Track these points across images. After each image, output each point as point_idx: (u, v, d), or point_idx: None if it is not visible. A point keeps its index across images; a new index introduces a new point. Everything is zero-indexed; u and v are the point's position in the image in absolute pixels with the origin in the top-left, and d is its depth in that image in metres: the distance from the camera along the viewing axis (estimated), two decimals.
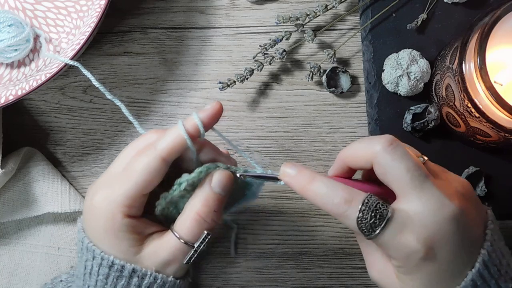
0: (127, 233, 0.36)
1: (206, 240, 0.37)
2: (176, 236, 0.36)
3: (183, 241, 0.36)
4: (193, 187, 0.37)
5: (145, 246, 0.37)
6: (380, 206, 0.33)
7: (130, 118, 0.41)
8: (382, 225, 0.32)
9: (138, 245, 0.37)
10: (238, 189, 0.39)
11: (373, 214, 0.32)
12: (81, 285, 0.38)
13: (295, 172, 0.36)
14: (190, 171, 0.37)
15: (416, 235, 0.32)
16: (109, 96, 0.41)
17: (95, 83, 0.42)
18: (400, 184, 0.33)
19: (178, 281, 0.38)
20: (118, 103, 0.41)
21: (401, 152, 0.33)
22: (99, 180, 0.38)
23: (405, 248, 0.32)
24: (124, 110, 0.41)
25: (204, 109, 0.37)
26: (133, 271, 0.36)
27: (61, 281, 0.43)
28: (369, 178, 0.37)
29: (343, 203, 0.33)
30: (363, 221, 0.33)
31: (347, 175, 0.38)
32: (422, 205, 0.32)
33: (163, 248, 0.37)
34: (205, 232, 0.36)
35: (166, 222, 0.39)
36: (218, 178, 0.36)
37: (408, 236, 0.32)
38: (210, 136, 0.39)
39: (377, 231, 0.32)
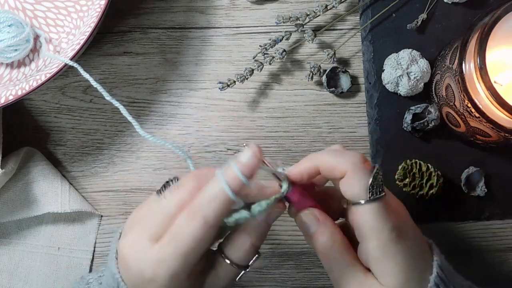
0: (192, 284, 0.36)
1: (256, 261, 0.38)
2: (234, 266, 0.36)
3: (236, 267, 0.37)
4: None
5: (204, 283, 0.37)
6: (382, 181, 0.35)
7: (130, 118, 0.41)
8: (382, 194, 0.35)
9: (201, 285, 0.37)
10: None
11: (381, 180, 0.35)
12: None
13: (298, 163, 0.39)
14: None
15: (394, 214, 0.36)
16: (107, 97, 0.41)
17: (94, 83, 0.42)
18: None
19: None
20: (116, 104, 0.41)
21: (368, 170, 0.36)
22: (133, 235, 0.35)
23: (390, 221, 0.35)
24: (124, 111, 0.41)
25: (244, 160, 0.33)
26: None
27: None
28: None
29: (359, 159, 0.36)
30: (375, 182, 0.35)
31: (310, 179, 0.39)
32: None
33: (221, 278, 0.37)
34: (256, 255, 0.37)
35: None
36: (275, 215, 0.37)
37: (391, 213, 0.35)
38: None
39: (379, 196, 0.35)
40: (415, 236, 0.36)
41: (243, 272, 0.37)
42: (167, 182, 0.36)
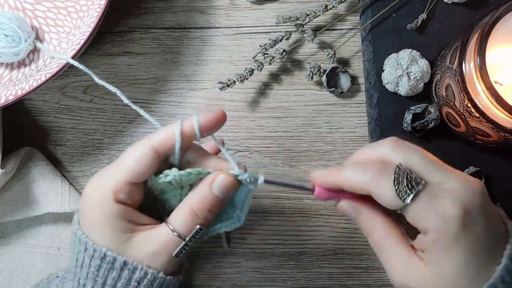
0: (117, 219, 0.36)
1: (198, 235, 0.37)
2: (170, 228, 0.36)
3: (176, 234, 0.36)
4: (180, 185, 0.37)
5: (136, 235, 0.37)
6: (412, 173, 0.33)
7: (143, 113, 0.41)
8: (418, 189, 0.33)
9: (129, 232, 0.36)
10: (224, 209, 0.39)
11: (408, 177, 0.33)
12: (72, 278, 0.38)
13: (323, 171, 0.37)
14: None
15: (451, 200, 0.32)
16: (125, 100, 0.42)
17: (98, 80, 0.42)
18: (420, 171, 0.34)
19: (169, 277, 0.38)
20: (124, 98, 0.42)
21: (408, 145, 0.35)
22: (96, 174, 0.38)
23: (442, 212, 0.32)
24: (142, 111, 0.41)
25: (206, 113, 0.37)
26: (124, 263, 0.36)
27: (57, 277, 0.43)
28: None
29: (377, 172, 0.34)
30: (400, 183, 0.33)
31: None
32: (450, 179, 0.33)
33: (154, 238, 0.37)
34: (198, 226, 0.36)
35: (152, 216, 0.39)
36: (220, 182, 0.36)
37: (443, 201, 0.32)
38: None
39: (413, 194, 0.33)
40: (486, 219, 0.33)
41: (181, 245, 0.36)
42: None
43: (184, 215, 0.36)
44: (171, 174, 0.36)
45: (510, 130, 0.41)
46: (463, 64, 0.42)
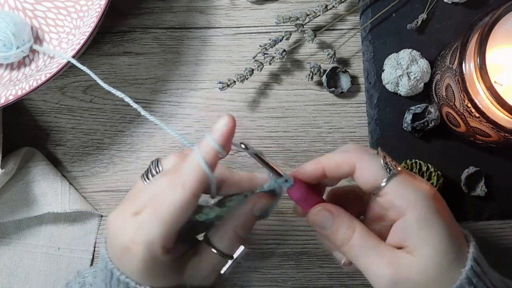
0: (170, 267, 0.36)
1: (243, 253, 0.38)
2: (218, 252, 0.37)
3: (220, 254, 0.37)
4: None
5: (185, 268, 0.37)
6: (390, 158, 0.35)
7: (153, 119, 0.41)
8: (399, 165, 0.35)
9: (180, 272, 0.37)
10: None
11: (389, 160, 0.35)
12: None
13: (303, 165, 0.38)
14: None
15: (424, 182, 0.35)
16: (128, 99, 0.42)
17: (101, 82, 0.42)
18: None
19: None
20: (125, 98, 0.42)
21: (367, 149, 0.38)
22: (120, 208, 0.36)
23: (421, 189, 0.34)
24: (143, 111, 0.41)
25: (216, 129, 0.35)
26: None
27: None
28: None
29: (360, 151, 0.37)
30: (387, 158, 0.35)
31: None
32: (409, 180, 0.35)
33: (204, 263, 0.37)
34: (243, 247, 0.38)
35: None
36: (260, 206, 0.38)
37: (419, 181, 0.35)
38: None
39: (399, 168, 0.34)
40: (450, 215, 0.35)
41: (229, 263, 0.38)
42: (150, 165, 0.38)
43: (230, 239, 0.37)
44: (213, 212, 0.37)
45: (510, 130, 0.41)
46: (463, 64, 0.42)
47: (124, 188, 0.53)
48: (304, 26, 0.51)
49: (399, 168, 0.35)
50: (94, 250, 0.52)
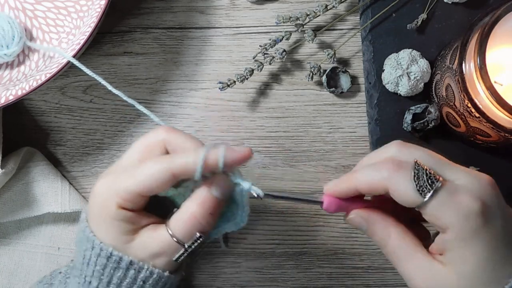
0: (120, 222, 0.37)
1: (198, 242, 0.37)
2: (169, 233, 0.36)
3: (175, 239, 0.36)
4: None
5: (138, 236, 0.37)
6: (430, 169, 0.33)
7: (146, 111, 0.42)
8: (438, 185, 0.32)
9: (131, 234, 0.37)
10: (226, 210, 0.39)
11: (427, 173, 0.33)
12: (78, 275, 0.39)
13: (336, 181, 0.37)
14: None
15: (469, 195, 0.32)
16: (129, 99, 0.43)
17: (99, 78, 0.42)
18: (430, 167, 0.34)
19: (173, 276, 0.39)
20: (122, 96, 0.43)
21: (415, 146, 0.35)
22: (108, 169, 0.39)
23: (462, 207, 0.32)
24: (143, 108, 0.42)
25: (234, 150, 0.35)
26: (131, 263, 0.37)
27: (59, 272, 0.44)
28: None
29: (393, 167, 0.33)
30: (419, 179, 0.33)
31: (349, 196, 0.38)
32: (462, 176, 0.34)
33: (155, 240, 0.37)
34: (197, 233, 0.36)
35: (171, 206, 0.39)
36: (217, 182, 0.36)
37: (462, 196, 0.32)
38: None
39: (433, 189, 0.32)
40: (503, 212, 0.33)
41: (181, 252, 0.37)
42: None
43: (185, 222, 0.36)
44: (171, 191, 0.38)
45: (510, 130, 0.41)
46: (463, 64, 0.42)
47: None
48: (304, 26, 0.51)
49: (439, 182, 0.33)
50: None
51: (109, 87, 0.42)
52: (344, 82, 0.52)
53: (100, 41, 0.54)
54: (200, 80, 0.53)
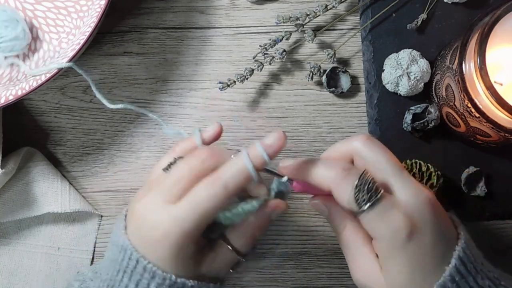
0: (193, 259, 0.38)
1: (254, 253, 0.41)
2: (234, 250, 0.39)
3: (235, 253, 0.39)
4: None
5: (202, 262, 0.39)
6: (374, 182, 0.35)
7: (152, 116, 0.43)
8: (375, 199, 0.34)
9: (199, 262, 0.39)
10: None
11: (369, 186, 0.34)
12: None
13: (292, 161, 0.39)
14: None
15: (401, 213, 0.34)
16: (141, 110, 0.43)
17: (94, 87, 0.42)
18: (381, 171, 0.36)
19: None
20: (119, 105, 0.42)
21: (378, 144, 0.37)
22: (153, 199, 0.37)
23: (392, 224, 0.34)
24: (150, 114, 0.44)
25: (270, 142, 0.37)
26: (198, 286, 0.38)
27: None
28: None
29: (341, 172, 0.36)
30: (360, 192, 0.35)
31: None
32: (404, 188, 0.35)
33: (220, 260, 0.39)
34: (254, 247, 0.40)
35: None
36: (280, 210, 0.39)
37: (395, 213, 0.34)
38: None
39: (370, 203, 0.34)
40: (434, 229, 0.35)
41: (240, 263, 0.40)
42: (174, 160, 0.39)
43: (248, 239, 0.39)
44: (236, 212, 0.38)
45: (510, 130, 0.41)
46: (463, 64, 0.42)
47: (124, 188, 0.53)
48: (304, 26, 0.51)
49: (379, 196, 0.34)
50: (94, 250, 0.52)
51: (103, 100, 0.42)
52: (344, 82, 0.52)
53: (100, 41, 0.54)
54: (200, 80, 0.53)
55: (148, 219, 0.37)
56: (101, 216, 0.53)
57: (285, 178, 0.39)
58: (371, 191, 0.34)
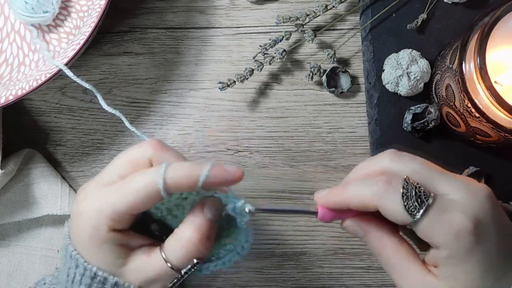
0: (112, 245, 0.35)
1: (194, 268, 0.35)
2: (164, 260, 0.35)
3: (170, 266, 0.35)
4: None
5: (131, 260, 0.36)
6: (420, 186, 0.32)
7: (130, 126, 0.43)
8: (428, 202, 0.31)
9: (123, 257, 0.36)
10: (226, 239, 0.38)
11: (416, 191, 0.32)
12: None
13: (326, 192, 0.35)
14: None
15: (461, 212, 0.31)
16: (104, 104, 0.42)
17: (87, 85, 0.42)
18: (422, 179, 0.33)
19: None
20: (114, 111, 0.43)
21: (407, 155, 0.34)
22: (90, 184, 0.36)
23: (453, 226, 0.31)
24: (126, 122, 0.43)
25: (222, 169, 0.33)
26: (116, 284, 0.35)
27: (44, 283, 0.42)
28: None
29: (383, 185, 0.32)
30: (409, 199, 0.32)
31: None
32: (456, 188, 0.32)
33: (149, 266, 0.35)
34: (194, 260, 0.35)
35: (159, 231, 0.38)
36: (210, 204, 0.35)
37: (453, 214, 0.31)
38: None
39: (423, 209, 0.31)
40: (497, 227, 0.32)
41: (176, 279, 0.35)
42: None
43: (181, 248, 0.35)
44: (162, 204, 0.36)
45: (510, 130, 0.41)
46: (463, 64, 0.42)
47: None
48: (304, 26, 0.51)
49: (430, 199, 0.32)
50: None
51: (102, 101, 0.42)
52: (344, 82, 0.52)
53: (100, 41, 0.54)
54: (200, 80, 0.53)
55: (80, 211, 0.35)
56: None
57: (246, 206, 0.35)
58: (420, 196, 0.32)
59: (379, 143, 0.51)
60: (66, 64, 0.45)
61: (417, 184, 0.32)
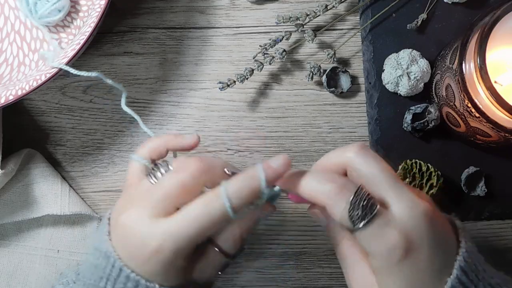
0: (184, 268, 0.37)
1: (242, 253, 0.40)
2: (222, 252, 0.39)
3: (224, 255, 0.39)
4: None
5: (194, 267, 0.39)
6: (370, 198, 0.34)
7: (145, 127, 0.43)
8: (370, 216, 0.33)
9: (189, 271, 0.39)
10: None
11: (364, 203, 0.33)
12: None
13: (286, 177, 0.37)
14: None
15: (397, 230, 0.33)
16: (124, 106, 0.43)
17: (115, 84, 0.42)
18: (376, 184, 0.35)
19: None
20: (131, 112, 0.44)
21: (372, 155, 0.36)
22: (135, 211, 0.36)
23: (387, 243, 0.33)
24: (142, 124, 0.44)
25: (272, 165, 0.36)
26: None
27: None
28: None
29: (335, 189, 0.34)
30: (355, 209, 0.33)
31: None
32: (400, 202, 0.34)
33: (208, 264, 0.39)
34: (244, 247, 0.40)
35: None
36: (269, 212, 0.40)
37: (390, 231, 0.33)
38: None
39: (365, 220, 0.33)
40: (431, 243, 0.34)
41: (228, 261, 0.40)
42: (156, 165, 0.38)
43: (235, 241, 0.39)
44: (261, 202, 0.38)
45: (510, 130, 0.41)
46: (463, 64, 0.42)
47: None
48: (304, 26, 0.51)
49: (374, 212, 0.33)
50: None
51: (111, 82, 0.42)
52: (344, 82, 0.52)
53: (100, 41, 0.54)
54: (200, 80, 0.53)
55: (135, 233, 0.36)
56: (101, 219, 0.53)
57: (277, 188, 0.38)
58: (366, 208, 0.33)
59: (379, 143, 0.51)
60: (66, 64, 0.45)
61: (368, 195, 0.34)
